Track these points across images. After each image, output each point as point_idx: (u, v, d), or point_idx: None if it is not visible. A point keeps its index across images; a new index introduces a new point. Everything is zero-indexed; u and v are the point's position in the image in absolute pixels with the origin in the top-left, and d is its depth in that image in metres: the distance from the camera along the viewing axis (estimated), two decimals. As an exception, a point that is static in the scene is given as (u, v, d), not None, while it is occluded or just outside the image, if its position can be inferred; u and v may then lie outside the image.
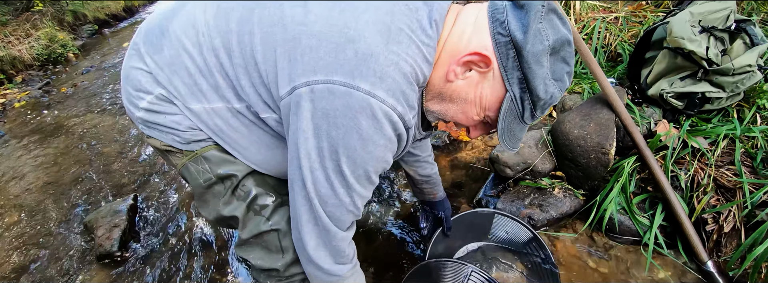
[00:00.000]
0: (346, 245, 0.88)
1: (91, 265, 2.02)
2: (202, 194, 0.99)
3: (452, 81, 0.76)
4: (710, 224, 1.52)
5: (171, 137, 0.92)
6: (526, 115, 0.77)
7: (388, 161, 0.78)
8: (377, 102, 0.67)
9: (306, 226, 0.83)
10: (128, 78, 0.90)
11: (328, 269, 0.89)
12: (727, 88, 1.60)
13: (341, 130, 0.69)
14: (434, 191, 1.53)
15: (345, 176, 0.75)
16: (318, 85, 0.66)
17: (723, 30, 1.57)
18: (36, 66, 4.85)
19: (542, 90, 0.72)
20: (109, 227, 2.13)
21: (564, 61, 0.73)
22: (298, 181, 0.78)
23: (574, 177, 1.70)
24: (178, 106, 0.87)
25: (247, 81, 0.79)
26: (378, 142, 0.72)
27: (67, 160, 3.01)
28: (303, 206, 0.81)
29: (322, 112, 0.68)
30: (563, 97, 1.95)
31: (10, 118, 3.93)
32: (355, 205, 0.81)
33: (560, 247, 1.65)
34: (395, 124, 0.71)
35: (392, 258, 1.74)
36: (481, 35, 0.72)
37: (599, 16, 2.23)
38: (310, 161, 0.73)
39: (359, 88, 0.65)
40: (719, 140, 1.59)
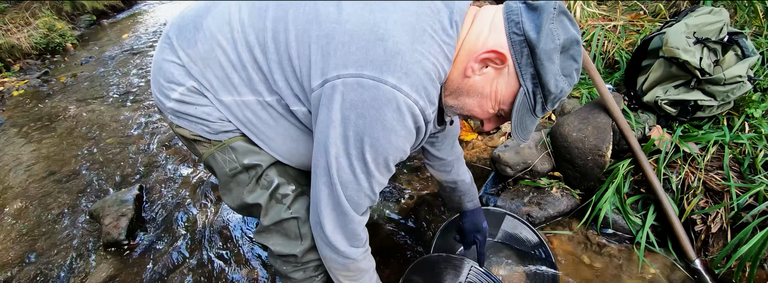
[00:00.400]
0: (361, 229, 0.95)
1: (97, 253, 2.05)
2: (227, 183, 1.05)
3: (470, 76, 0.82)
4: (699, 225, 1.62)
5: (200, 127, 0.97)
6: (537, 109, 0.83)
7: (406, 151, 0.85)
8: (402, 95, 0.73)
9: (325, 209, 0.89)
10: (161, 70, 0.95)
11: (344, 251, 0.95)
12: (718, 97, 1.69)
13: (367, 120, 0.75)
14: (461, 200, 1.46)
15: (367, 163, 0.81)
16: (349, 78, 0.73)
17: (716, 42, 1.66)
18: (34, 55, 4.83)
19: (553, 85, 0.78)
20: (116, 216, 2.16)
21: (573, 58, 0.78)
22: (323, 167, 0.84)
23: (571, 177, 1.79)
24: (209, 98, 0.92)
25: (280, 75, 0.85)
26: (400, 133, 0.78)
27: (68, 150, 3.03)
28: (324, 191, 0.87)
29: (351, 103, 0.74)
30: (562, 101, 2.04)
31: (8, 107, 3.92)
32: (372, 190, 0.87)
33: (557, 243, 1.74)
34: (416, 117, 0.78)
35: (396, 250, 1.81)
36: (497, 35, 0.79)
37: (598, 24, 2.31)
38: (337, 149, 0.80)
39: (387, 82, 0.72)
40: (709, 146, 1.68)
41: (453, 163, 1.41)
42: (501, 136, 2.25)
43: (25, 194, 2.57)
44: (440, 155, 1.37)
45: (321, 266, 1.19)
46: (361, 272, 1.04)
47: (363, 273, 1.05)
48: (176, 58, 0.92)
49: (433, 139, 1.32)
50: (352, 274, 1.03)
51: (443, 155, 1.37)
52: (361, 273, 1.04)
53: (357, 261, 0.99)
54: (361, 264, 1.02)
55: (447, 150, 1.37)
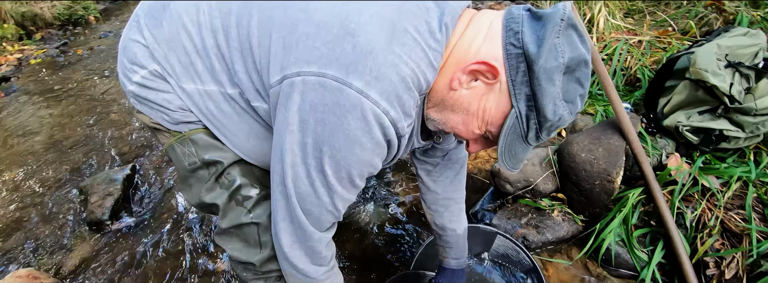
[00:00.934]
0: (322, 246, 0.84)
1: (80, 230, 2.02)
2: (187, 178, 0.97)
3: (456, 89, 0.71)
4: (711, 269, 1.47)
5: (160, 115, 0.88)
6: (530, 136, 0.72)
7: (376, 166, 0.74)
8: (369, 103, 0.62)
9: (282, 222, 0.80)
10: (125, 50, 0.87)
11: (303, 269, 0.85)
12: (746, 128, 1.54)
13: (328, 128, 0.65)
14: (445, 252, 1.28)
15: (326, 176, 0.71)
16: (310, 77, 0.62)
17: (750, 67, 1.51)
18: (56, 25, 4.88)
19: (551, 111, 0.66)
20: (102, 195, 2.12)
21: (578, 82, 0.67)
22: (278, 175, 0.74)
23: (575, 201, 1.66)
24: (171, 84, 0.84)
25: (241, 66, 0.75)
26: (365, 145, 0.67)
27: (73, 122, 3.02)
28: (280, 201, 0.78)
29: (311, 106, 0.64)
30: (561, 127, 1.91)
31: (24, 74, 3.95)
32: (334, 206, 0.77)
33: (552, 272, 1.62)
34: (386, 130, 0.67)
35: (381, 259, 1.72)
36: (492, 44, 0.67)
37: (622, 38, 2.16)
38: (293, 156, 0.70)
39: (352, 86, 0.61)
40: (732, 182, 1.53)
41: (448, 203, 1.23)
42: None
43: (24, 163, 2.56)
44: (435, 188, 1.21)
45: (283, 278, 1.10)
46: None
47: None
48: (142, 37, 0.84)
49: (428, 162, 1.18)
50: None
51: (439, 190, 1.21)
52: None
53: (319, 281, 0.89)
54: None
55: (444, 184, 1.20)
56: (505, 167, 0.78)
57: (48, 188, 2.33)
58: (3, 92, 3.57)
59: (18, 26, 4.50)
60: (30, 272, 1.66)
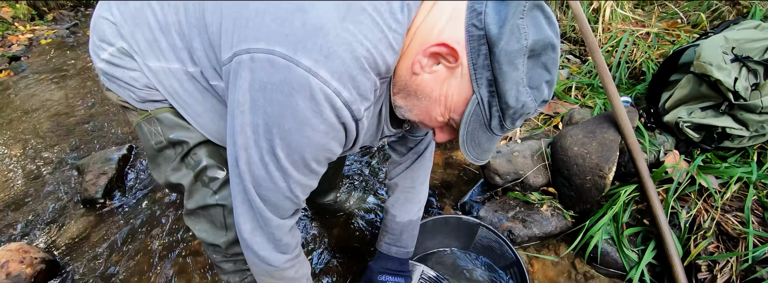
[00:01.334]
0: (283, 233, 0.82)
1: (74, 208, 2.05)
2: (154, 157, 0.96)
3: (418, 74, 0.68)
4: (703, 272, 1.42)
5: (128, 93, 0.87)
6: (493, 124, 0.68)
7: (333, 150, 0.71)
8: (318, 82, 0.59)
9: (240, 207, 0.78)
10: (95, 27, 0.86)
11: (265, 256, 0.83)
12: (751, 126, 1.47)
13: (277, 108, 0.62)
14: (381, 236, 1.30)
15: (279, 160, 0.68)
16: (259, 54, 0.59)
17: (759, 62, 1.43)
18: (68, 6, 4.91)
19: (513, 97, 0.63)
20: (97, 174, 2.14)
21: (545, 67, 0.64)
22: (232, 158, 0.72)
23: (566, 196, 1.62)
24: (137, 62, 0.82)
25: (198, 43, 0.73)
26: (317, 127, 0.64)
27: (77, 102, 3.06)
28: (237, 186, 0.75)
29: (260, 84, 0.61)
30: (572, 109, 1.84)
31: (34, 54, 4.01)
32: (292, 192, 0.74)
33: (538, 268, 1.58)
34: (338, 111, 0.63)
35: (365, 248, 1.71)
36: (455, 25, 0.64)
37: (629, 29, 2.07)
38: (245, 138, 0.67)
39: (300, 64, 0.58)
40: (731, 182, 1.47)
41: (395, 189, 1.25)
42: (502, 140, 2.08)
43: (27, 141, 2.60)
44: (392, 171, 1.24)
45: None
46: (290, 280, 0.91)
47: (293, 281, 0.92)
48: (110, 15, 0.83)
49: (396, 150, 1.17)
50: (277, 282, 0.90)
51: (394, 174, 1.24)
52: (290, 281, 0.91)
53: (281, 270, 0.87)
54: (288, 273, 0.89)
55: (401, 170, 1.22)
56: (470, 158, 0.75)
57: (47, 166, 2.37)
58: (12, 71, 3.62)
59: (30, 6, 4.55)
60: (20, 246, 1.68)
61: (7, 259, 1.61)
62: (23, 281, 1.58)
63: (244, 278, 1.13)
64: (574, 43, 2.67)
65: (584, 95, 2.10)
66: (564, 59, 2.50)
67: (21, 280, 1.58)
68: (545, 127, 1.97)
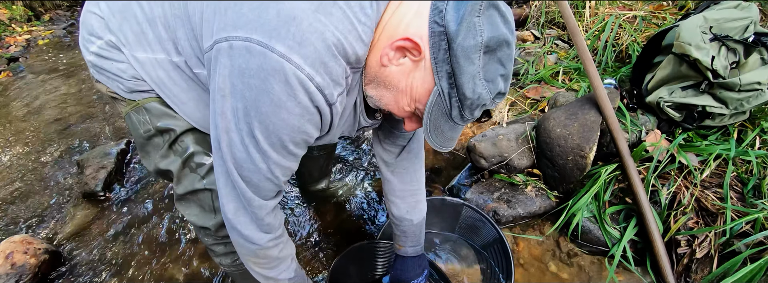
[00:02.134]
0: (265, 213, 0.85)
1: (75, 202, 2.10)
2: (144, 145, 1.00)
3: (386, 66, 0.72)
4: (683, 247, 1.46)
5: (116, 84, 0.92)
6: (454, 114, 0.72)
7: (309, 133, 0.74)
8: (291, 67, 0.63)
9: (224, 189, 0.82)
10: (84, 22, 0.90)
11: (250, 236, 0.87)
12: (730, 104, 1.49)
13: (254, 92, 0.66)
14: (400, 241, 1.28)
15: (258, 142, 0.72)
16: (237, 41, 0.64)
17: (738, 41, 1.45)
18: (64, 6, 4.95)
19: (470, 89, 0.67)
20: (96, 168, 2.20)
21: (500, 62, 0.68)
22: (215, 141, 0.76)
23: (550, 177, 1.65)
24: (125, 54, 0.86)
25: (182, 33, 0.77)
26: (292, 110, 0.68)
27: (76, 100, 3.11)
28: (220, 168, 0.79)
29: (239, 70, 0.65)
30: (557, 93, 1.87)
31: (32, 55, 4.05)
32: (272, 173, 0.78)
33: (523, 247, 1.62)
34: (312, 95, 0.67)
35: (358, 230, 1.76)
36: (420, 21, 0.68)
37: (615, 13, 2.09)
38: (226, 121, 0.71)
39: (274, 50, 0.62)
40: (710, 160, 1.50)
41: (404, 195, 1.22)
42: (491, 125, 2.11)
43: (28, 139, 2.66)
44: (392, 179, 1.20)
45: None
46: (274, 260, 0.95)
47: (277, 261, 0.96)
48: (98, 9, 0.87)
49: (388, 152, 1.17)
50: (263, 261, 0.94)
51: (396, 181, 1.21)
52: (274, 261, 0.95)
53: (266, 249, 0.90)
54: (272, 252, 0.92)
55: (402, 175, 1.20)
56: (434, 145, 0.79)
57: (48, 162, 2.42)
58: (11, 72, 3.67)
59: (26, 7, 4.58)
60: (24, 238, 1.74)
61: (11, 250, 1.67)
62: (27, 271, 1.63)
63: (234, 260, 1.18)
64: (562, 28, 2.68)
65: (571, 79, 2.12)
66: (552, 44, 2.52)
67: (25, 270, 1.63)
68: (532, 111, 2.00)
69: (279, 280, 0.97)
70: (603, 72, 2.06)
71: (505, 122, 1.87)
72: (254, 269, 0.95)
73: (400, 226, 1.25)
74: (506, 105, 2.08)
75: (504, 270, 1.41)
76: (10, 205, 2.10)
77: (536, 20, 2.68)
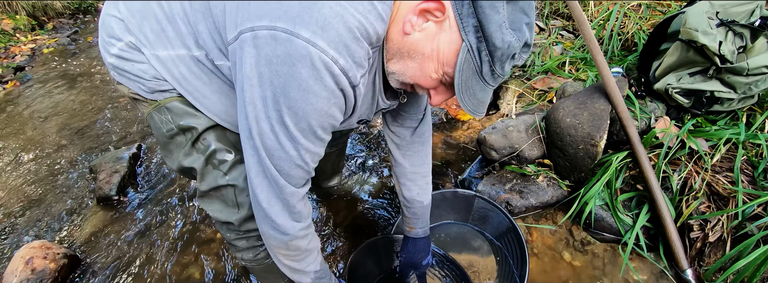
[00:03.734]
0: (296, 200, 0.87)
1: (90, 206, 2.13)
2: (167, 144, 1.02)
3: (409, 33, 0.73)
4: (696, 231, 1.47)
5: (137, 85, 0.94)
6: (485, 70, 0.73)
7: (335, 116, 0.76)
8: (317, 51, 0.65)
9: (256, 178, 0.83)
10: (104, 25, 0.93)
11: (282, 224, 0.88)
12: (738, 89, 1.50)
13: (282, 79, 0.67)
14: (411, 223, 1.31)
15: (288, 128, 0.73)
16: (262, 31, 0.65)
17: (744, 26, 1.45)
18: (67, 14, 4.98)
19: (499, 38, 0.68)
20: (110, 172, 2.22)
21: (523, 11, 0.69)
22: (246, 131, 0.77)
23: (561, 167, 1.66)
24: (145, 54, 0.88)
25: (203, 26, 0.79)
26: (319, 93, 0.69)
27: (84, 106, 3.14)
28: (252, 157, 0.80)
29: (266, 59, 0.67)
30: (565, 83, 1.88)
31: (38, 63, 4.09)
32: (302, 159, 0.79)
33: (537, 236, 1.63)
34: (337, 78, 0.69)
35: (369, 228, 1.77)
36: None
37: (620, 2, 2.09)
38: (256, 111, 0.73)
39: (300, 36, 0.64)
40: (720, 144, 1.50)
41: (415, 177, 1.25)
42: (500, 117, 2.12)
43: (39, 146, 2.69)
44: (403, 162, 1.24)
45: None
46: (303, 252, 0.96)
47: (305, 254, 0.97)
48: (117, 12, 0.89)
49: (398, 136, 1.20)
50: (292, 253, 0.95)
51: (407, 164, 1.24)
52: (302, 253, 0.96)
53: (297, 238, 0.92)
54: (302, 242, 0.94)
55: (412, 158, 1.24)
56: (467, 110, 0.78)
57: (61, 168, 2.45)
58: (18, 81, 3.71)
59: (30, 17, 4.62)
60: (43, 244, 1.77)
61: (31, 256, 1.70)
62: (47, 275, 1.66)
63: (256, 254, 1.20)
64: (567, 18, 2.68)
65: (577, 69, 2.13)
66: (558, 35, 2.52)
67: (46, 275, 1.66)
68: (540, 102, 2.01)
69: (306, 272, 0.99)
70: (610, 61, 2.06)
71: (514, 114, 1.88)
72: (283, 262, 0.96)
73: (411, 208, 1.28)
74: (514, 97, 2.09)
75: (518, 260, 1.42)
76: (27, 211, 2.13)
77: (540, 11, 2.69)
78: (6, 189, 2.30)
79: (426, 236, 1.33)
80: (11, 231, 2.00)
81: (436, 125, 2.26)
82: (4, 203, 2.19)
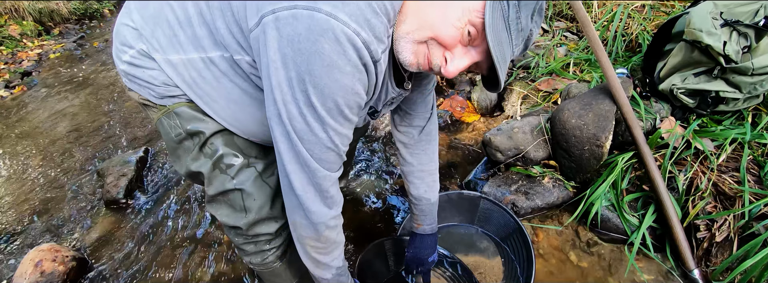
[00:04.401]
0: (329, 184, 0.85)
1: (99, 209, 2.15)
2: (175, 149, 1.04)
3: None
4: (702, 231, 1.46)
5: (147, 91, 0.96)
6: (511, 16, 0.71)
7: (359, 93, 0.75)
8: (339, 24, 0.65)
9: (289, 164, 0.82)
10: (117, 34, 0.95)
11: (316, 211, 0.87)
12: (744, 88, 1.50)
13: (305, 56, 0.67)
14: (419, 220, 1.32)
15: (316, 109, 0.73)
16: (283, 11, 0.66)
17: (749, 25, 1.45)
18: (73, 20, 5.03)
19: None
20: (117, 176, 2.24)
21: None
22: (275, 116, 0.77)
23: (566, 168, 1.66)
24: (157, 59, 0.90)
25: (222, 22, 0.80)
26: (344, 68, 0.69)
27: (91, 111, 3.17)
28: (284, 143, 0.80)
29: (288, 39, 0.67)
30: (569, 85, 1.88)
31: (44, 69, 4.13)
32: (332, 141, 0.79)
33: (543, 237, 1.64)
34: (359, 51, 0.69)
35: (376, 228, 1.78)
36: None
37: (624, 2, 2.10)
38: (283, 94, 0.73)
39: (321, 10, 0.65)
40: (726, 144, 1.50)
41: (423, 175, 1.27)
42: (505, 118, 2.12)
43: (46, 150, 2.71)
44: (411, 161, 1.25)
45: (273, 241, 1.16)
46: (331, 243, 0.96)
47: (333, 246, 0.97)
48: (131, 21, 0.92)
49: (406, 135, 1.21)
50: (322, 245, 0.95)
51: (415, 162, 1.25)
52: (331, 245, 0.96)
53: (328, 228, 0.91)
54: (332, 233, 0.93)
55: (420, 157, 1.25)
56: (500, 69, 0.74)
57: (69, 172, 2.47)
58: (25, 86, 3.74)
59: (36, 23, 4.67)
60: (51, 246, 1.78)
61: (40, 258, 1.71)
62: (57, 278, 1.67)
63: (264, 258, 1.20)
64: (571, 20, 2.69)
65: (582, 71, 2.13)
66: (562, 37, 2.53)
67: (55, 277, 1.68)
68: (544, 103, 2.01)
69: (330, 266, 0.99)
70: (614, 62, 2.06)
71: (519, 115, 1.89)
72: (309, 254, 0.96)
73: (419, 205, 1.30)
74: (519, 98, 2.10)
75: (524, 261, 1.42)
76: (35, 214, 2.15)
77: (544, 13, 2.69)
78: (15, 193, 2.33)
79: (433, 233, 1.34)
80: (20, 234, 2.02)
81: (441, 127, 2.27)
82: (13, 206, 2.22)
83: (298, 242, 0.96)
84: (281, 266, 1.24)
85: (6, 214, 2.17)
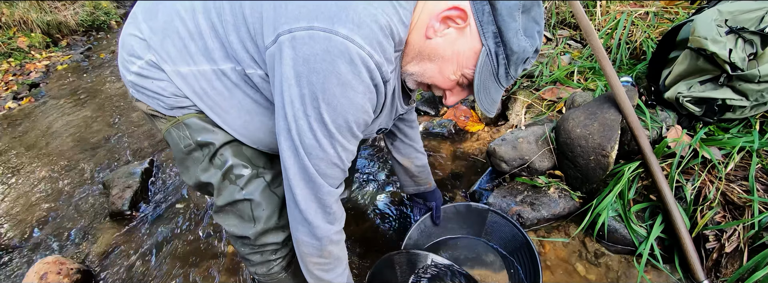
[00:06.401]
0: (332, 201, 0.89)
1: (103, 221, 2.15)
2: (184, 160, 1.04)
3: (431, 38, 0.79)
4: (711, 242, 1.44)
5: (156, 102, 0.96)
6: (501, 72, 0.80)
7: (368, 112, 0.80)
8: (355, 47, 0.69)
9: (294, 178, 0.84)
10: (124, 44, 0.95)
11: (319, 226, 0.89)
12: (750, 96, 1.48)
13: (321, 76, 0.71)
14: (429, 180, 1.53)
15: (326, 125, 0.76)
16: (300, 32, 0.69)
17: (754, 32, 1.44)
18: (80, 31, 5.10)
19: (516, 43, 0.75)
20: (122, 187, 2.25)
21: (534, 21, 0.76)
22: (285, 131, 0.80)
23: (572, 178, 1.65)
24: (166, 71, 0.90)
25: (235, 37, 0.82)
26: (357, 88, 0.73)
27: (97, 122, 3.19)
28: (290, 158, 0.82)
29: (304, 57, 0.70)
30: (574, 93, 1.87)
31: (52, 80, 4.18)
32: (339, 157, 0.82)
33: (549, 249, 1.61)
34: (372, 72, 0.73)
35: (380, 240, 1.76)
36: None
37: (627, 10, 2.09)
38: (294, 110, 0.75)
39: (338, 33, 0.68)
40: (734, 152, 1.48)
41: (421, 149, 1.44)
42: (509, 128, 2.11)
43: (52, 162, 2.73)
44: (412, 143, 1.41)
45: (279, 251, 1.16)
46: (335, 260, 0.97)
47: (336, 262, 0.98)
48: (138, 31, 0.92)
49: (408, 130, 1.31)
50: (324, 261, 0.96)
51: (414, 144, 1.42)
52: (334, 262, 0.97)
53: (331, 243, 0.93)
54: (334, 248, 0.95)
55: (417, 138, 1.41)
56: (483, 107, 0.86)
57: (74, 183, 2.48)
58: (33, 97, 3.79)
59: (44, 34, 4.74)
60: (57, 259, 1.78)
61: (45, 271, 1.71)
62: (62, 290, 1.67)
63: (270, 269, 1.20)
64: (574, 28, 2.69)
65: (586, 79, 2.12)
66: (565, 45, 2.52)
67: (60, 290, 1.67)
68: (549, 112, 2.00)
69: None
70: (618, 70, 2.05)
71: (523, 125, 1.87)
72: (313, 272, 0.97)
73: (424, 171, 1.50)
74: (523, 108, 2.09)
75: (531, 275, 1.40)
76: (41, 226, 2.16)
77: (547, 21, 2.70)
78: (20, 204, 2.34)
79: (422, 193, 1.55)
80: (26, 246, 2.03)
81: (445, 137, 2.26)
82: (19, 218, 2.23)
83: (301, 260, 0.98)
84: (286, 277, 1.24)
85: (11, 226, 2.18)
